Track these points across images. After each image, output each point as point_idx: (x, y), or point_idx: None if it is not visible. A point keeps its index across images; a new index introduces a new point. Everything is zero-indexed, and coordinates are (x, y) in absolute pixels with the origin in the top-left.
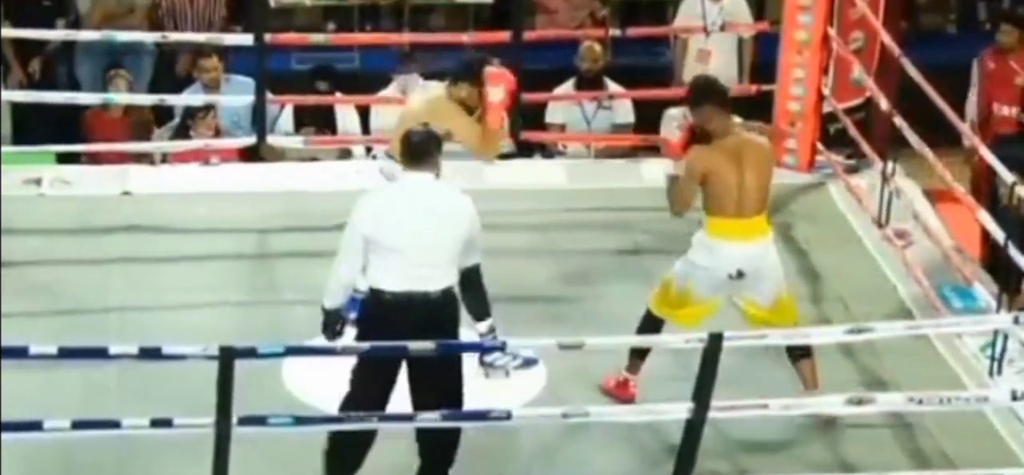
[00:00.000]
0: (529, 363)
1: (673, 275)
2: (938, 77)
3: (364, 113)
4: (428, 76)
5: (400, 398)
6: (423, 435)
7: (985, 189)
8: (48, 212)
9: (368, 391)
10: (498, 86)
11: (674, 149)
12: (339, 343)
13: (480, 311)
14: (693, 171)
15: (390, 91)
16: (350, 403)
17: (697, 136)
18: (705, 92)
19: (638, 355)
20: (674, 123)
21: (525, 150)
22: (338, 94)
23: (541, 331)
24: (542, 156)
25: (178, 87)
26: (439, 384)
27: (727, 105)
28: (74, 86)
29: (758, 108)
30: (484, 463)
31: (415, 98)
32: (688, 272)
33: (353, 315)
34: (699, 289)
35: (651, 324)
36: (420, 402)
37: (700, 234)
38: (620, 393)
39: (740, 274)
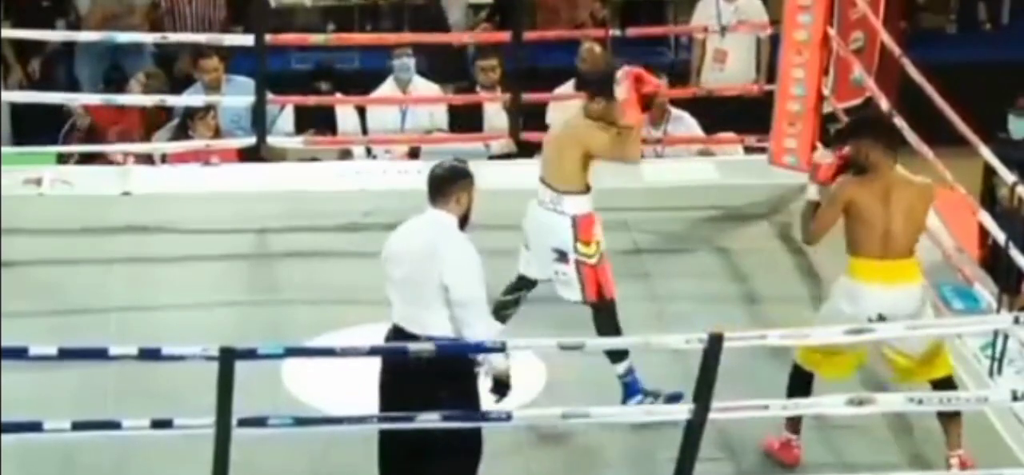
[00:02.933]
0: (673, 398)
1: (817, 322)
2: (938, 77)
3: (364, 113)
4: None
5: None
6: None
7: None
8: (48, 212)
9: None
10: (623, 83)
11: (821, 174)
12: (342, 346)
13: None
14: (836, 199)
15: (385, 88)
16: None
17: (850, 168)
18: (863, 125)
19: (795, 417)
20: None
21: (525, 150)
22: (338, 94)
23: (541, 331)
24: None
25: (178, 87)
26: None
27: (889, 142)
28: (74, 86)
29: (759, 108)
30: (484, 463)
31: (556, 121)
32: (831, 319)
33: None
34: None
35: (801, 379)
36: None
37: (842, 278)
38: (785, 456)
39: (882, 319)
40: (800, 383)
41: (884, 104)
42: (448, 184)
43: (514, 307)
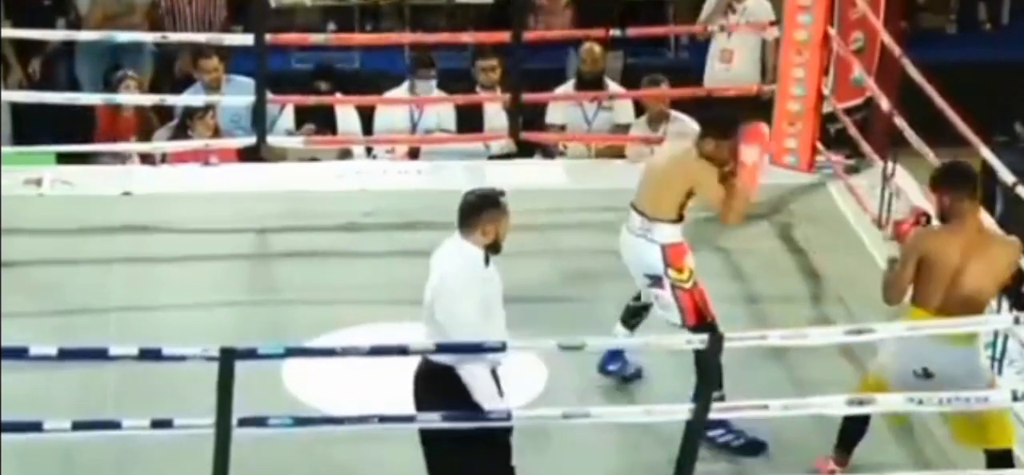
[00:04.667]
0: (753, 446)
1: (872, 367)
2: (938, 77)
3: (365, 113)
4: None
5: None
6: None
7: None
8: (48, 212)
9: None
10: (752, 146)
11: (901, 232)
12: (342, 346)
13: None
14: (907, 252)
15: (400, 92)
16: None
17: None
18: (948, 174)
19: (846, 446)
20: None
21: (525, 150)
22: (338, 94)
23: (541, 331)
24: (542, 156)
25: (178, 87)
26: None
27: (973, 193)
28: (74, 86)
29: (760, 108)
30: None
31: (662, 151)
32: (881, 364)
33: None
34: (893, 384)
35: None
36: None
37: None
38: None
39: (927, 374)
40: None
41: (884, 104)
42: (475, 214)
43: (644, 313)
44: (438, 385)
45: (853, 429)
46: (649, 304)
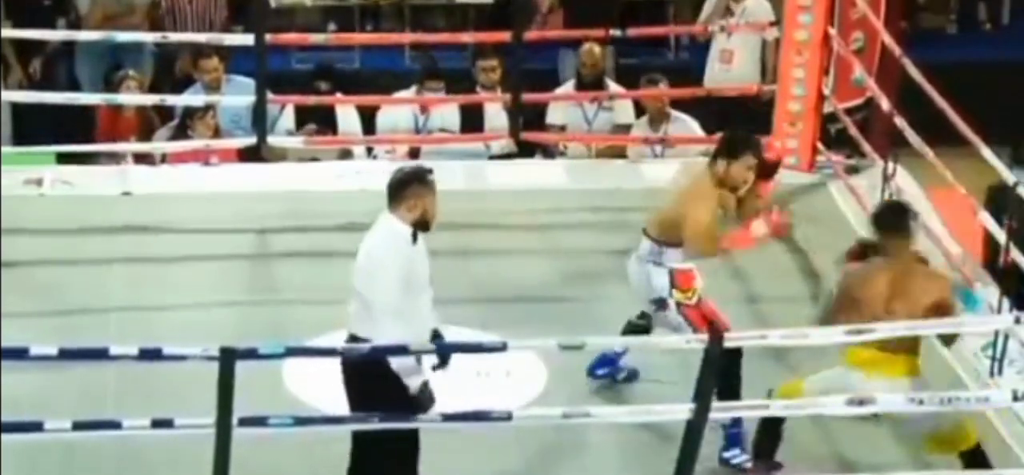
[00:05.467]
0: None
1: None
2: (939, 77)
3: (366, 113)
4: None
5: None
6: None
7: None
8: (49, 212)
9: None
10: (765, 229)
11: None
12: (343, 346)
13: None
14: (838, 288)
15: (405, 94)
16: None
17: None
18: (875, 215)
19: (765, 455)
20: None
21: (526, 150)
22: (338, 94)
23: (541, 331)
24: (543, 156)
25: (178, 87)
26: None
27: (901, 229)
28: (74, 86)
29: (762, 108)
30: (485, 463)
31: (679, 176)
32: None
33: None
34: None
35: None
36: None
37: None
38: None
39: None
40: None
41: (885, 104)
42: (401, 189)
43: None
44: (363, 363)
45: (767, 439)
46: (649, 324)
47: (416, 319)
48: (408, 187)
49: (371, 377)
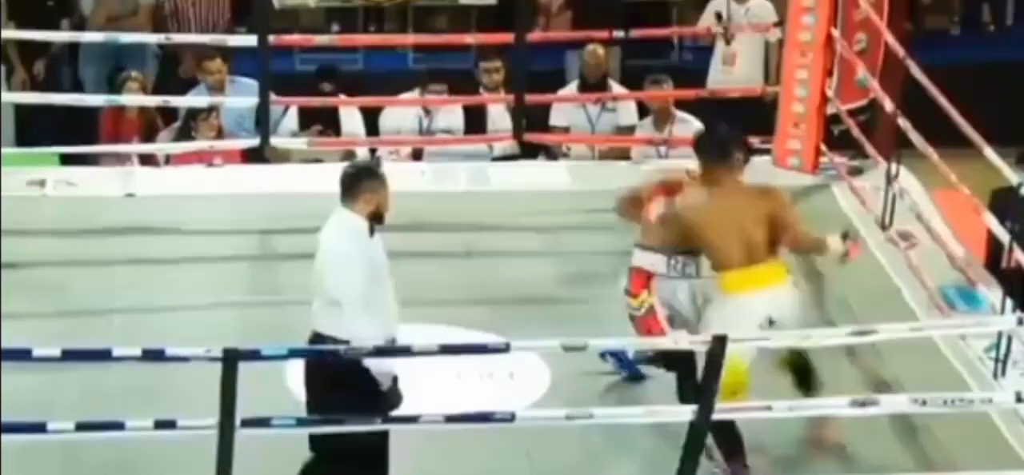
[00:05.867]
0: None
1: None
2: (942, 78)
3: (369, 114)
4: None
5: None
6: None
7: None
8: (52, 213)
9: None
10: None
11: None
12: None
13: None
14: (674, 224)
15: (408, 95)
16: None
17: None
18: (694, 143)
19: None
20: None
21: (529, 152)
22: (342, 95)
23: (545, 332)
24: (546, 158)
25: (182, 89)
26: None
27: (719, 155)
28: (78, 87)
29: (762, 109)
30: (488, 465)
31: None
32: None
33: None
34: (743, 357)
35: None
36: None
37: (717, 299)
38: None
39: (772, 323)
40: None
41: (888, 105)
42: (355, 184)
43: None
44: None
45: (727, 441)
46: None
47: (382, 309)
48: (363, 182)
49: (336, 375)
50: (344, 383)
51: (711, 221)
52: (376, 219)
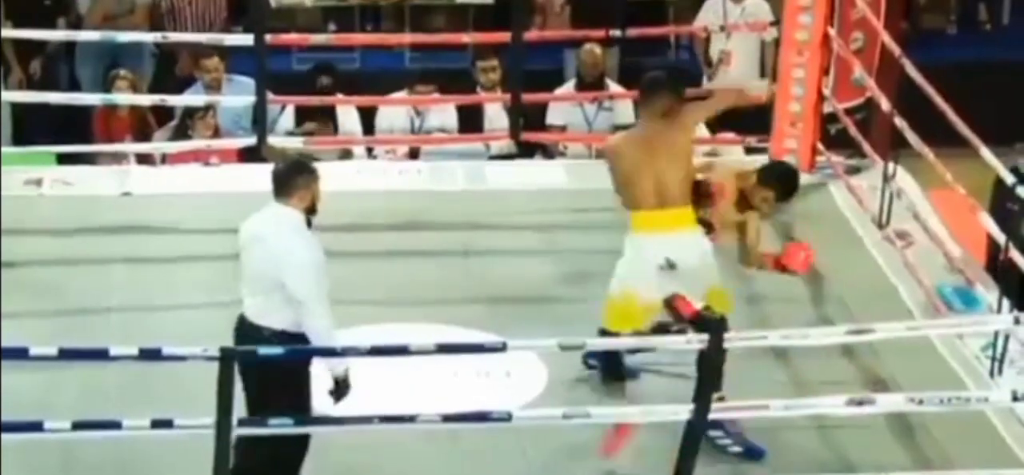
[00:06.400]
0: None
1: (611, 292)
2: (939, 77)
3: (366, 113)
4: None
5: (397, 398)
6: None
7: None
8: (48, 213)
9: None
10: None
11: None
12: (342, 345)
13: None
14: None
15: (402, 94)
16: None
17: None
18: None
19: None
20: None
21: (526, 151)
22: (339, 94)
23: (542, 331)
24: (543, 157)
25: (179, 87)
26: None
27: (646, 95)
28: (74, 86)
29: (759, 108)
30: (485, 464)
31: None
32: (620, 276)
33: None
34: (640, 289)
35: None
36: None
37: (628, 235)
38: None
39: (670, 265)
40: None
41: (885, 104)
42: (290, 180)
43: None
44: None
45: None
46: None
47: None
48: (300, 177)
49: (278, 370)
50: (281, 379)
51: (624, 162)
52: (310, 213)
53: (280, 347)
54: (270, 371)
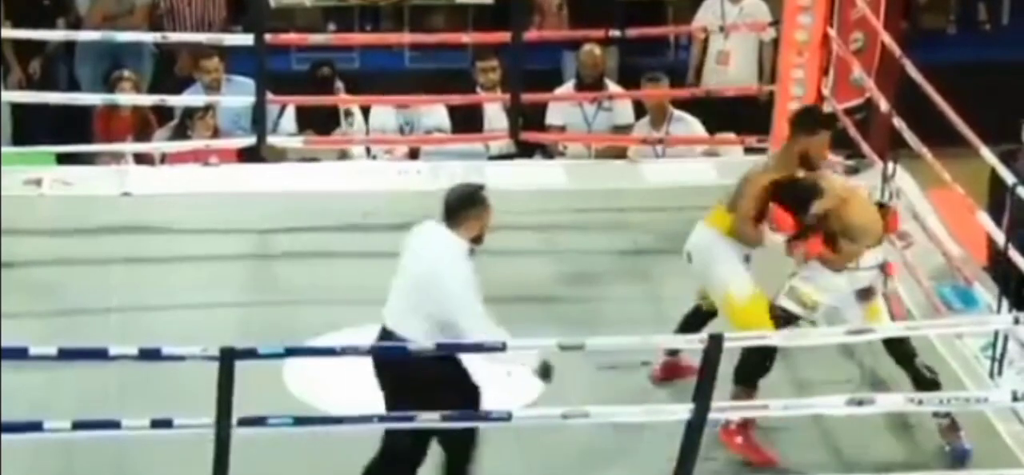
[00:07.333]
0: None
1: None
2: (938, 77)
3: (365, 114)
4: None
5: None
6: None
7: None
8: (48, 213)
9: None
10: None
11: None
12: (342, 345)
13: None
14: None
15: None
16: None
17: None
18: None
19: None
20: None
21: (525, 151)
22: (341, 89)
23: (541, 331)
24: (542, 157)
25: (178, 88)
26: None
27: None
28: (74, 86)
29: (759, 109)
30: (484, 463)
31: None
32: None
33: None
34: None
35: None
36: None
37: None
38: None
39: (689, 257)
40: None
41: (884, 105)
42: (462, 210)
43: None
44: (415, 372)
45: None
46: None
47: None
48: (471, 209)
49: (431, 377)
50: (438, 394)
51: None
52: (476, 242)
53: (280, 347)
54: (423, 380)
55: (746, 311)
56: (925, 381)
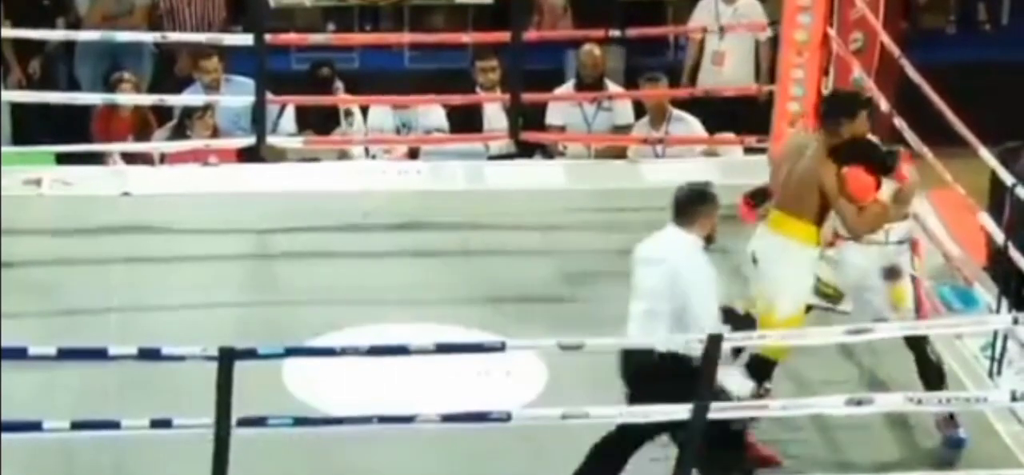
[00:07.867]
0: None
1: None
2: (938, 77)
3: (364, 114)
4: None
5: (397, 398)
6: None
7: None
8: (48, 213)
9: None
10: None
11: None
12: (342, 346)
13: None
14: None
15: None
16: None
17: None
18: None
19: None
20: None
21: (525, 151)
22: (340, 89)
23: (541, 331)
24: (542, 156)
25: (178, 88)
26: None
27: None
28: (74, 86)
29: (758, 109)
30: (484, 463)
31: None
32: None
33: None
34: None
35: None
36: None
37: None
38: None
39: (754, 259)
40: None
41: (884, 105)
42: (693, 208)
43: None
44: (669, 371)
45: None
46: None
47: None
48: (702, 206)
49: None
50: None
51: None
52: (709, 241)
53: (280, 347)
54: (669, 384)
55: (781, 326)
56: (929, 365)
